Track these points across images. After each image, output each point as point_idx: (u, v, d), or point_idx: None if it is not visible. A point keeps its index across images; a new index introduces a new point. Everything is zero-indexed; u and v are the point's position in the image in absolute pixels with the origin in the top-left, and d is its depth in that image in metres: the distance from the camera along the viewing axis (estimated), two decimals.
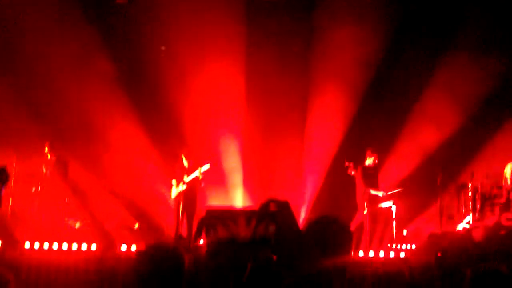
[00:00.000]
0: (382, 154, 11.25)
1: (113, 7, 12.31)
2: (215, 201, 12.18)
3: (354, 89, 12.44)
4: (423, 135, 12.28)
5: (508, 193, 10.53)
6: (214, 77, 12.34)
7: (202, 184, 10.99)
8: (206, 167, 10.87)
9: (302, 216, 12.16)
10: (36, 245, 9.07)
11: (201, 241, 6.98)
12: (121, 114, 12.12)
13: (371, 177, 10.71)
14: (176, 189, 11.01)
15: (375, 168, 10.84)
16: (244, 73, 12.57)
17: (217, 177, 12.21)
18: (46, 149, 10.50)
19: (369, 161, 10.76)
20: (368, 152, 10.83)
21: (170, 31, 12.02)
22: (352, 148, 11.99)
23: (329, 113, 12.58)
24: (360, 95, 12.50)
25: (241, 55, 12.44)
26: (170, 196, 11.16)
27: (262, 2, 12.49)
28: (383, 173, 11.18)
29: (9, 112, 11.44)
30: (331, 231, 3.15)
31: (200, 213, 11.29)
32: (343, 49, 12.15)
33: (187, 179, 10.85)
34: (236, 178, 12.69)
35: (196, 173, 10.83)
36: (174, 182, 11.06)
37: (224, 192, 12.57)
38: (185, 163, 11.04)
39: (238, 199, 12.60)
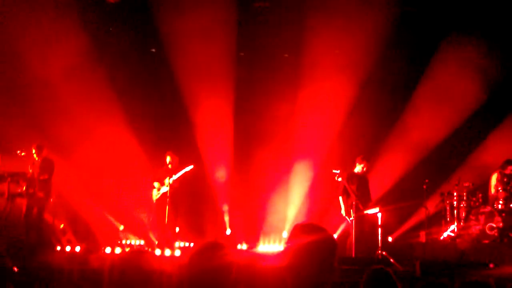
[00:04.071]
0: (370, 161, 11.27)
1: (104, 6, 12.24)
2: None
3: (344, 96, 12.47)
4: (411, 143, 12.36)
5: (493, 202, 10.64)
6: (203, 80, 12.32)
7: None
8: (188, 168, 10.85)
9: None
10: None
11: None
12: (110, 116, 12.09)
13: (358, 184, 10.71)
14: (158, 191, 10.97)
15: (363, 175, 10.83)
16: (234, 79, 12.60)
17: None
18: (33, 150, 10.42)
19: (358, 168, 10.76)
20: (358, 159, 10.79)
21: (160, 32, 11.99)
22: (341, 155, 12.02)
23: (318, 120, 12.63)
24: (350, 103, 12.55)
25: (232, 61, 12.46)
26: (151, 198, 11.14)
27: (253, 7, 12.48)
28: (371, 181, 11.20)
29: None
30: None
31: (182, 215, 11.29)
32: (334, 55, 12.19)
33: (170, 180, 10.80)
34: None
35: (178, 175, 10.83)
36: (156, 184, 11.02)
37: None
38: (170, 165, 11.00)
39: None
